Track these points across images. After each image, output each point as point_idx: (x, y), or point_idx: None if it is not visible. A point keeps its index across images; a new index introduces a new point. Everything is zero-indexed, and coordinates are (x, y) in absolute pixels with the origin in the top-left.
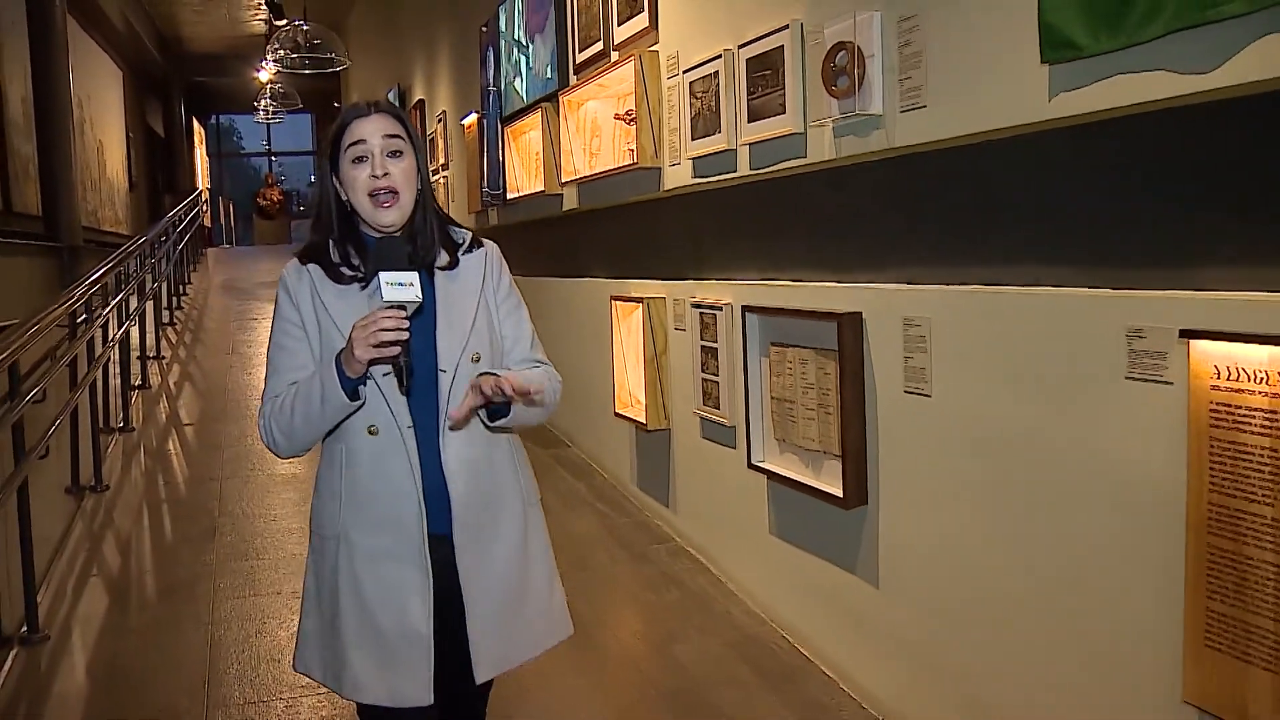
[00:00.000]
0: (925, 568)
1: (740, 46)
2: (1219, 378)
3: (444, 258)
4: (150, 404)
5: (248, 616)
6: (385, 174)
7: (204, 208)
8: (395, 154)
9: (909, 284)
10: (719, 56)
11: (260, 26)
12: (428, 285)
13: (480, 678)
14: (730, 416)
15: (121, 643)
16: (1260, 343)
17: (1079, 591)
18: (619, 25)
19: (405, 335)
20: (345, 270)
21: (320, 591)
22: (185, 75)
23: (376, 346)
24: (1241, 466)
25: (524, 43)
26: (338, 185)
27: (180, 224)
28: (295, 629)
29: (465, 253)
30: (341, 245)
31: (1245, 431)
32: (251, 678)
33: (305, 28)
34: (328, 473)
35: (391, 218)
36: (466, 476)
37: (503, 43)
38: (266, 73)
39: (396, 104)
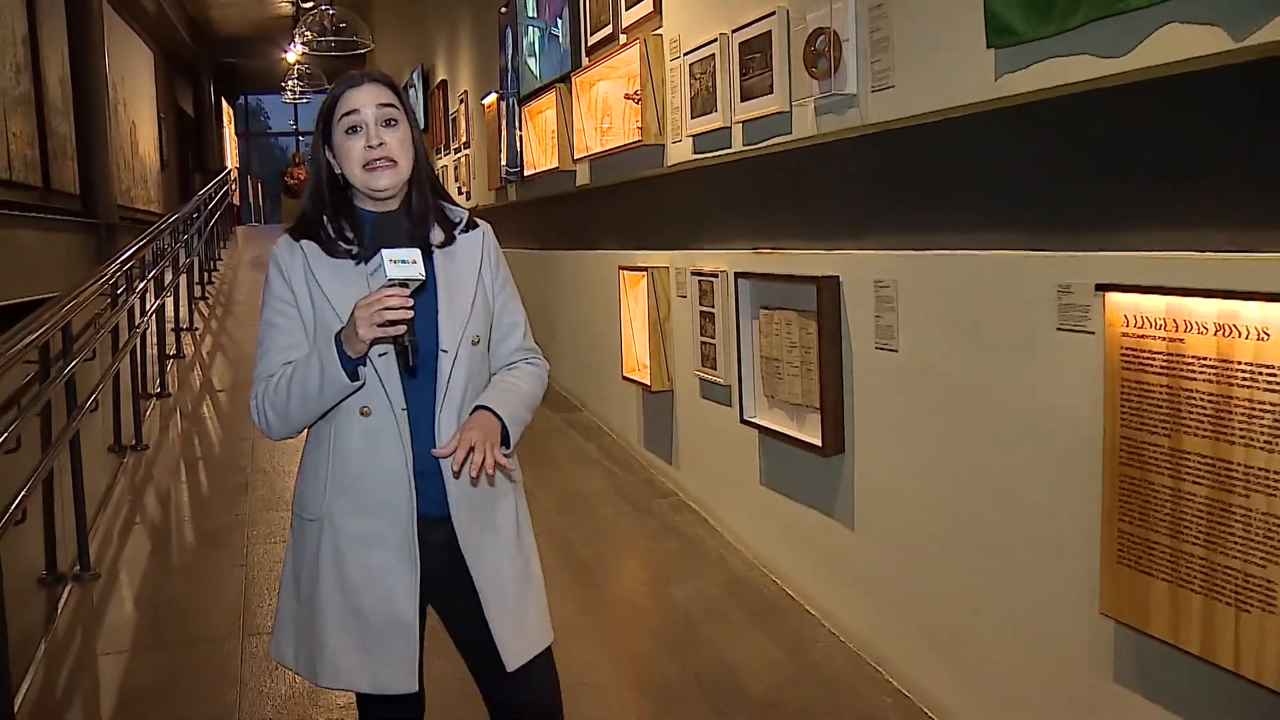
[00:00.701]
0: (893, 508)
1: (734, 31)
2: (1128, 326)
3: (439, 235)
4: (185, 372)
5: (277, 559)
6: (381, 143)
7: (233, 186)
8: (390, 123)
9: (880, 250)
10: (715, 40)
11: (287, 8)
12: (426, 263)
13: (510, 665)
14: (726, 376)
15: (164, 580)
16: (1159, 293)
17: (1017, 521)
18: (626, 10)
19: (410, 314)
20: (341, 245)
21: (299, 575)
22: (214, 56)
23: (381, 325)
24: (1145, 403)
25: (541, 25)
26: (330, 158)
27: (211, 202)
28: None
29: (462, 232)
30: (335, 220)
31: (1148, 372)
32: None
33: (331, 12)
34: (314, 453)
35: (386, 181)
36: (483, 479)
37: (520, 25)
38: (294, 54)
39: (387, 75)
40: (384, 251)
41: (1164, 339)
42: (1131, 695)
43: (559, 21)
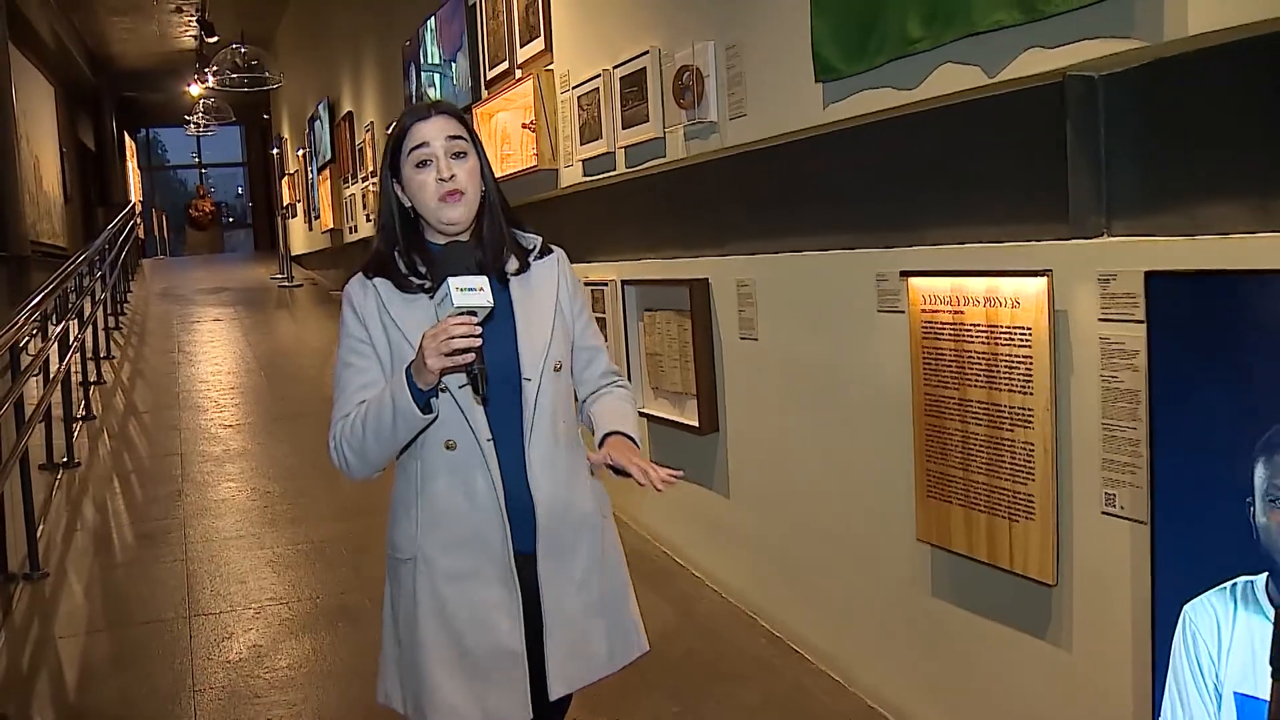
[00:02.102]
0: (759, 475)
1: (615, 67)
2: (925, 303)
3: (514, 263)
4: (108, 396)
5: (215, 553)
6: (452, 175)
7: (138, 220)
8: (459, 155)
9: (741, 254)
10: (599, 75)
11: (190, 42)
12: (502, 292)
13: (554, 694)
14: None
15: (110, 574)
16: (946, 276)
17: (855, 472)
18: (521, 48)
19: (477, 342)
20: (413, 279)
21: (397, 617)
22: (115, 90)
23: (449, 355)
24: (939, 364)
25: (443, 60)
26: (399, 192)
27: (120, 236)
28: (258, 563)
29: (536, 258)
30: (407, 255)
31: (940, 339)
32: (224, 593)
33: (243, 50)
34: (403, 491)
35: (458, 214)
36: (550, 488)
37: (423, 60)
38: (199, 88)
39: (455, 106)
40: (450, 280)
41: (950, 312)
42: (944, 605)
43: (461, 57)
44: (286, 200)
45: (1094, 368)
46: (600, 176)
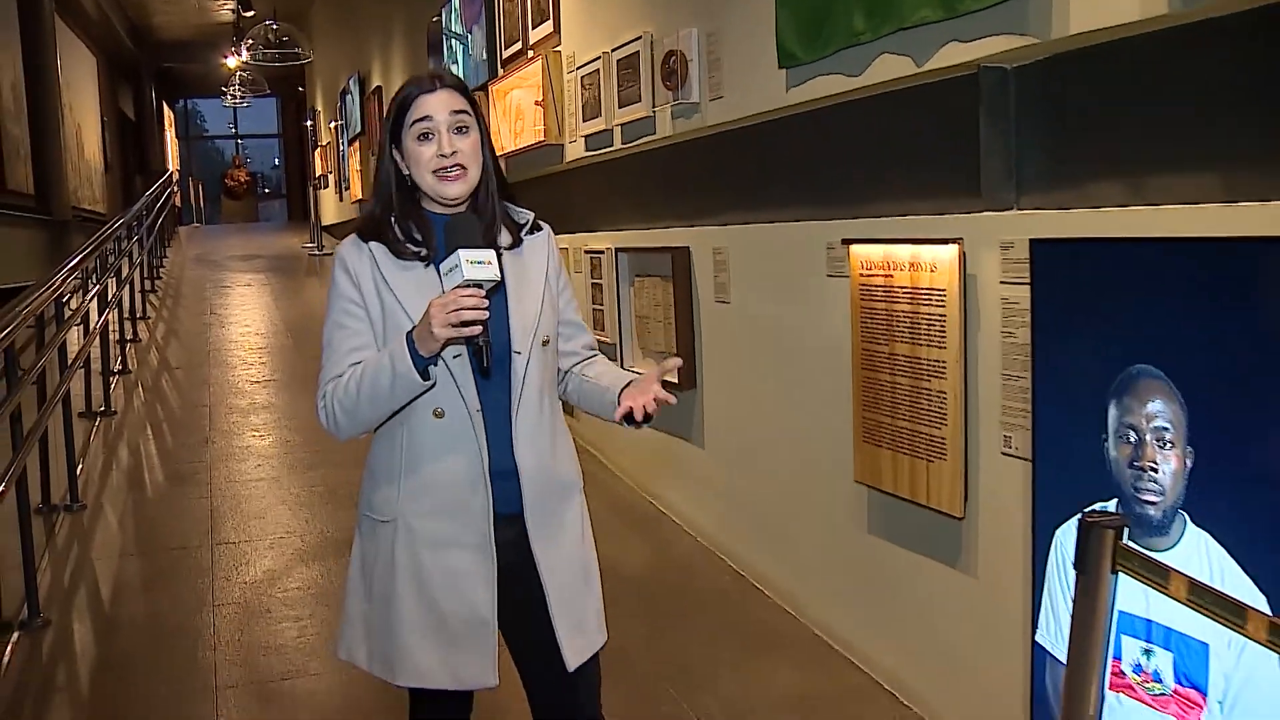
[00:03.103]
0: (731, 427)
1: (613, 50)
2: (863, 269)
3: (506, 237)
4: (143, 353)
5: (238, 492)
6: (453, 151)
7: (174, 188)
8: (461, 129)
9: (718, 225)
10: (599, 58)
11: (228, 15)
12: None
13: (570, 664)
14: (611, 335)
15: (142, 508)
16: (879, 244)
17: (807, 422)
18: (533, 29)
19: (485, 314)
20: (409, 246)
21: (369, 576)
22: (155, 61)
23: (457, 326)
24: (873, 322)
25: (464, 37)
26: (399, 160)
27: (158, 202)
28: (275, 502)
29: (528, 234)
30: (403, 222)
31: (874, 300)
32: (244, 527)
33: (275, 26)
34: (386, 455)
35: (456, 190)
36: (535, 459)
37: (446, 36)
38: (235, 61)
39: (459, 78)
40: (460, 252)
41: (883, 276)
42: (878, 540)
43: (480, 36)
44: (319, 171)
45: (996, 325)
46: (600, 152)
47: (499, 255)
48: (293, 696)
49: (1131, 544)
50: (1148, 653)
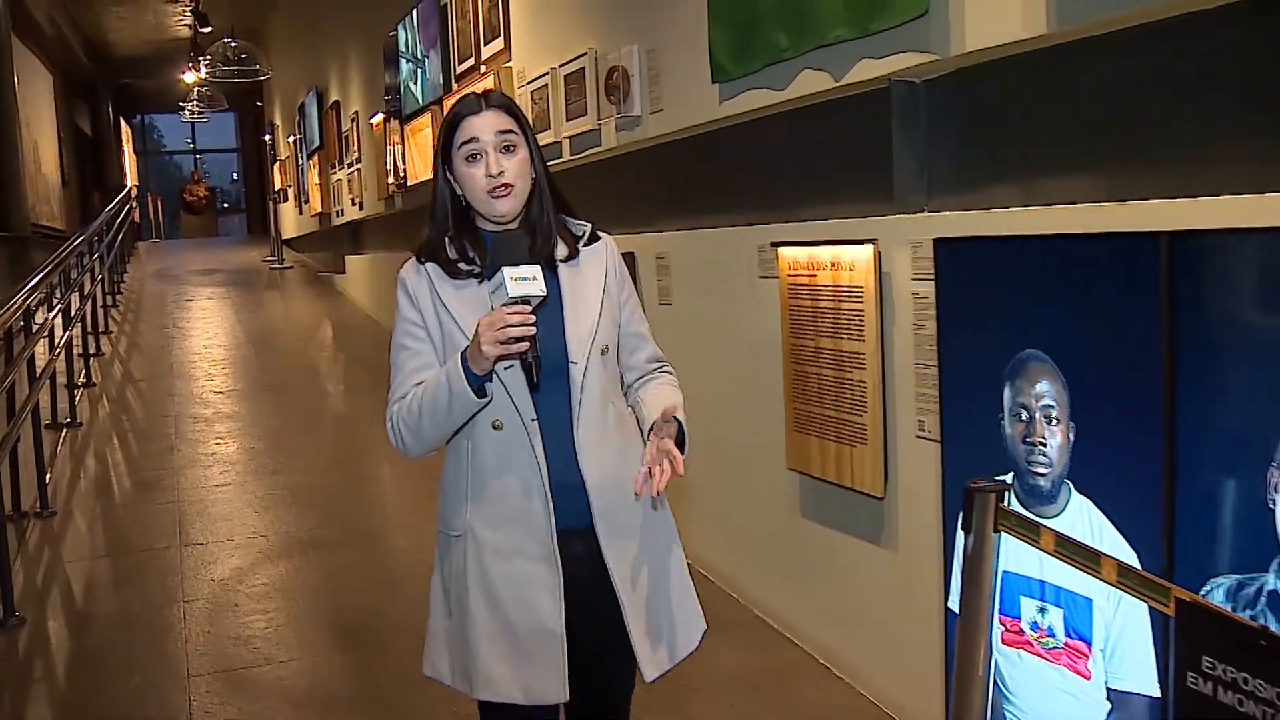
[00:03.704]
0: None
1: (560, 65)
2: (791, 269)
3: (563, 249)
4: (106, 366)
5: (204, 497)
6: (500, 171)
7: (133, 204)
8: (509, 149)
9: (661, 231)
10: (547, 73)
11: (185, 31)
12: (551, 278)
13: (649, 676)
14: None
15: (110, 513)
16: (804, 246)
17: (744, 414)
18: (485, 45)
19: (532, 331)
20: (463, 266)
21: (447, 590)
22: (112, 77)
23: (504, 344)
24: (800, 319)
25: (420, 54)
26: (451, 180)
27: (118, 218)
28: (241, 505)
29: (585, 245)
30: (458, 241)
31: (801, 298)
32: (211, 529)
33: (234, 44)
34: (454, 470)
35: (507, 206)
36: (601, 467)
37: (402, 53)
38: (193, 75)
39: (507, 97)
40: (504, 270)
41: (808, 275)
42: (810, 524)
43: (435, 53)
44: (278, 185)
45: (909, 318)
46: (549, 163)
47: (547, 269)
48: (261, 684)
49: (1009, 506)
50: (1042, 610)
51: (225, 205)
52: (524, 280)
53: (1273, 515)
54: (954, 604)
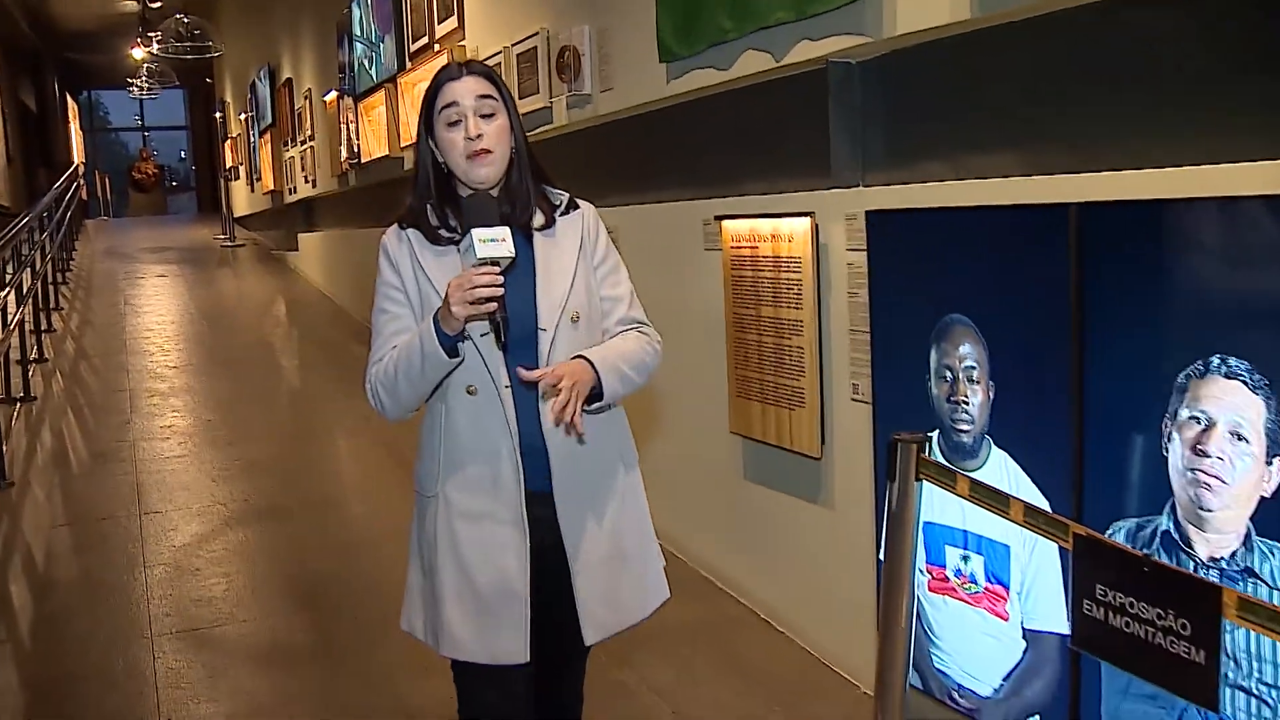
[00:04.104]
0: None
1: (513, 44)
2: (733, 242)
3: (540, 218)
4: (59, 342)
5: (162, 467)
6: (479, 135)
7: (80, 181)
8: (488, 115)
9: (611, 206)
10: (501, 52)
11: (133, 5)
12: (525, 246)
13: (589, 639)
14: None
15: (69, 484)
16: (746, 218)
17: (691, 381)
18: (439, 24)
19: (500, 291)
20: (443, 232)
21: (421, 550)
22: (57, 52)
23: (473, 304)
24: (743, 289)
25: (374, 33)
26: (434, 148)
27: (66, 196)
28: (199, 475)
29: (562, 214)
30: (439, 208)
31: (743, 269)
32: (170, 498)
33: (186, 20)
34: (428, 433)
35: (485, 172)
36: (564, 434)
37: (356, 32)
38: (142, 51)
39: (488, 67)
40: (473, 231)
41: (749, 247)
42: (753, 486)
43: (389, 31)
44: (229, 163)
45: (844, 287)
46: None
47: (523, 237)
48: (223, 641)
49: (930, 457)
50: (965, 558)
51: (174, 183)
52: (492, 242)
53: (1166, 463)
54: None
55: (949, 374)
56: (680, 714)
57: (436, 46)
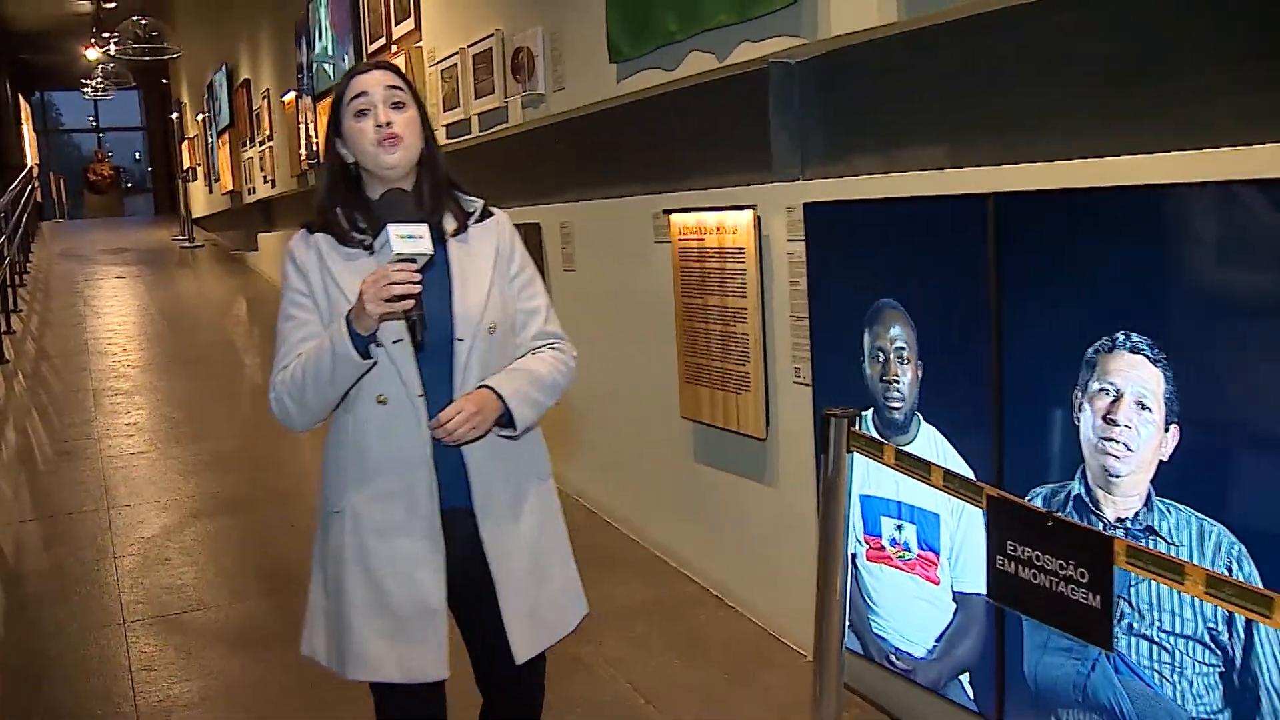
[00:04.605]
0: (584, 381)
1: (469, 46)
2: (681, 234)
3: (452, 223)
4: (19, 344)
5: (128, 463)
6: (389, 123)
7: (35, 183)
8: (398, 105)
9: (564, 202)
10: (457, 53)
11: (86, 6)
12: (440, 252)
13: (519, 657)
14: None
15: (35, 480)
16: (692, 212)
17: (641, 369)
18: (396, 25)
19: (417, 289)
20: (354, 235)
21: (325, 568)
22: (10, 53)
23: (388, 301)
24: (690, 279)
25: (333, 34)
26: (343, 150)
27: (21, 197)
28: (165, 470)
29: (477, 221)
30: (349, 212)
31: (690, 260)
32: (138, 492)
33: (143, 21)
34: (335, 446)
35: (395, 158)
36: (483, 449)
37: (314, 35)
38: (97, 51)
39: (395, 65)
40: (389, 227)
41: (696, 239)
42: (702, 467)
43: (347, 31)
44: (187, 164)
45: (786, 276)
46: (460, 139)
47: (437, 243)
48: (194, 626)
49: (859, 430)
50: (899, 528)
51: (130, 185)
52: (410, 238)
53: (1078, 433)
54: None
55: (881, 355)
56: (635, 685)
57: (394, 48)
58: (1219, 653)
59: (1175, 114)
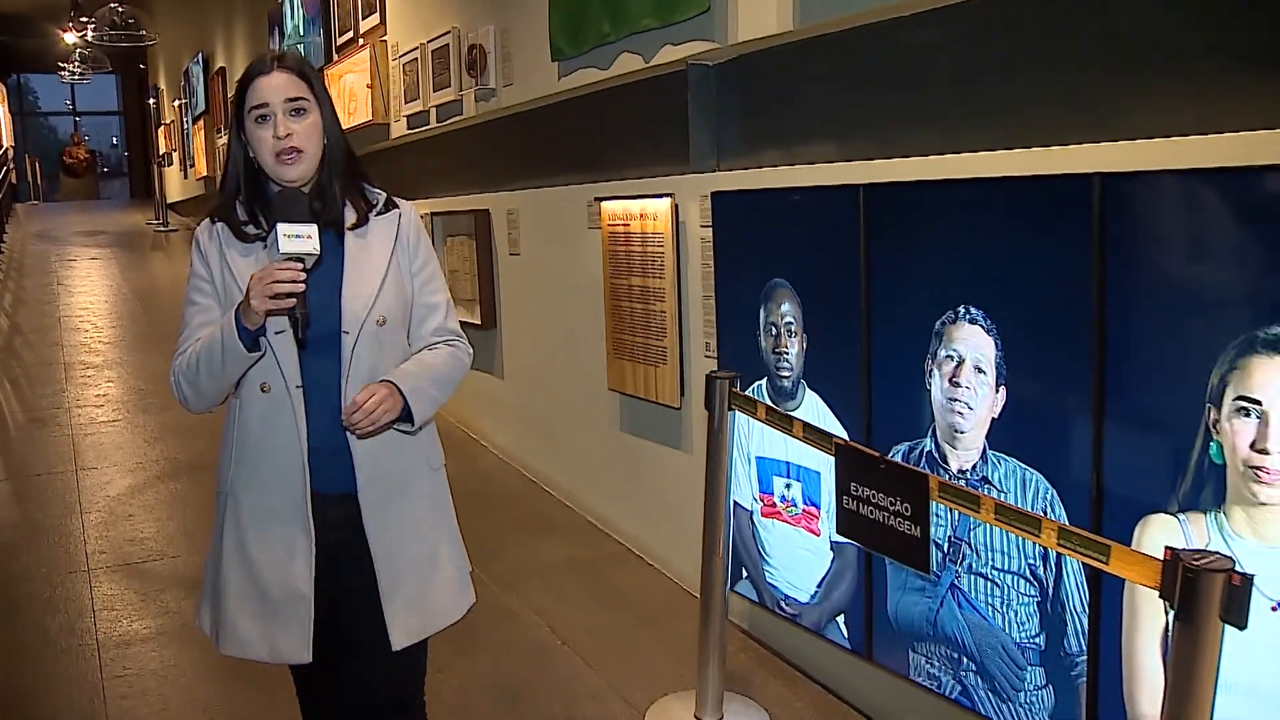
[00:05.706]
0: (522, 358)
1: (429, 41)
2: (610, 221)
3: (352, 216)
4: None
5: (97, 430)
6: (288, 134)
7: (10, 165)
8: (298, 112)
9: (511, 190)
10: (418, 48)
11: None
12: (336, 245)
13: (397, 644)
14: None
15: (7, 445)
16: (619, 199)
17: (574, 345)
18: (363, 19)
19: (301, 288)
20: (250, 229)
21: (214, 547)
22: None
23: (272, 298)
24: (617, 262)
25: (304, 25)
26: (246, 143)
27: None
28: (132, 436)
29: (378, 214)
30: (248, 204)
31: (618, 245)
32: (105, 455)
33: (120, 8)
34: (226, 429)
35: (295, 173)
36: (369, 440)
37: (286, 24)
38: (74, 36)
39: (301, 58)
40: (279, 226)
41: (623, 225)
42: (627, 436)
43: (317, 24)
44: (163, 149)
45: (699, 259)
46: (419, 130)
47: (335, 236)
48: (153, 573)
49: (738, 390)
50: (788, 486)
51: (106, 169)
52: (297, 238)
53: (929, 395)
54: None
55: (774, 329)
56: (556, 631)
57: (361, 41)
58: (1036, 584)
59: (1004, 117)
